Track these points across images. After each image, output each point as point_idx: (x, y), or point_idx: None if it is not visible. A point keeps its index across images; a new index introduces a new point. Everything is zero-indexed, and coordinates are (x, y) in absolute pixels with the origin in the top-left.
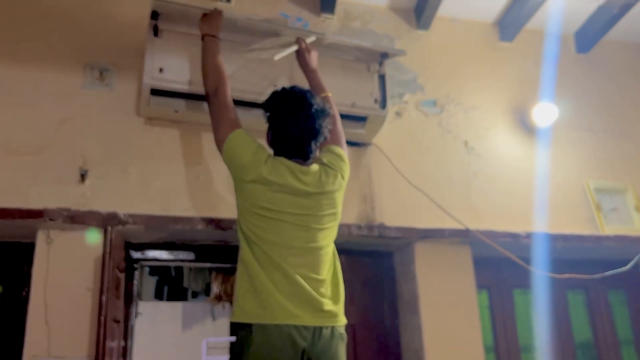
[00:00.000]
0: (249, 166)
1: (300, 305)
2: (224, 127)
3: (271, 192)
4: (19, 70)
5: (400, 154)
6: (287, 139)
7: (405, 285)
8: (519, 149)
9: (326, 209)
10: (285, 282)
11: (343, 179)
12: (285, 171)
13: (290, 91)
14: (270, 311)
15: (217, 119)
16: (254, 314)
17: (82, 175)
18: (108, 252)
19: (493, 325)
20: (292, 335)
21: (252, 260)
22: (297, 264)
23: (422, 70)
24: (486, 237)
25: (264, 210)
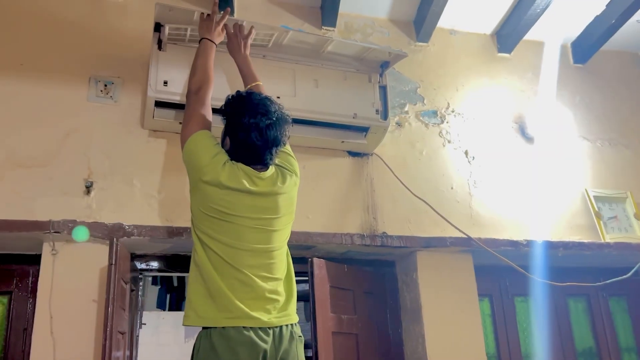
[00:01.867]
0: (206, 168)
1: (257, 307)
2: (191, 125)
3: (227, 196)
4: (24, 83)
5: (401, 164)
6: (247, 148)
7: (408, 294)
8: (519, 158)
9: (283, 210)
10: (240, 284)
11: (297, 176)
12: (242, 176)
13: (250, 96)
14: (227, 314)
15: (189, 115)
16: (211, 317)
17: (88, 187)
18: (113, 263)
19: (495, 333)
20: (251, 337)
21: (206, 263)
22: (253, 265)
23: (423, 81)
24: (487, 246)
25: (219, 213)
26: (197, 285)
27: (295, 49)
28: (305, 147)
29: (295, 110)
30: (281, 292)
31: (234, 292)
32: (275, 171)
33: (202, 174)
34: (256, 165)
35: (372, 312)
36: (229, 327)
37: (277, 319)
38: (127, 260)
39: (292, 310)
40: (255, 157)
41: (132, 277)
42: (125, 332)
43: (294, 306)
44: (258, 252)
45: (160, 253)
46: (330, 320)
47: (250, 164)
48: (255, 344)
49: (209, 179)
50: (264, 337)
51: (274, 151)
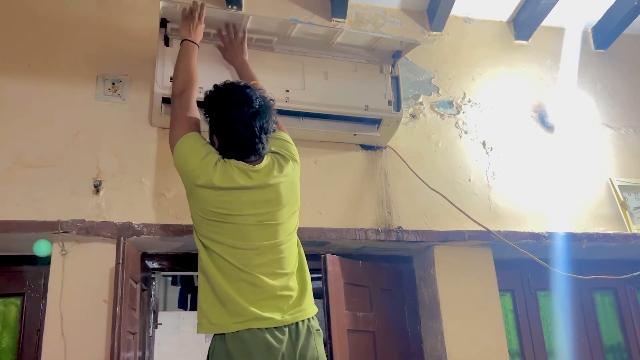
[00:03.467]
0: (197, 171)
1: (268, 306)
2: (177, 129)
3: (224, 197)
4: (31, 83)
5: (416, 157)
6: (235, 142)
7: (426, 290)
8: (539, 148)
9: (285, 199)
10: (249, 286)
11: (296, 161)
12: (236, 173)
13: (228, 89)
14: (239, 318)
15: (175, 117)
16: (223, 324)
17: (97, 187)
18: (121, 262)
19: (518, 330)
20: (266, 339)
21: (211, 268)
22: (261, 264)
23: (437, 71)
24: (507, 239)
25: (218, 215)
26: (205, 292)
27: (304, 41)
28: (317, 141)
29: (305, 104)
30: (293, 287)
31: (243, 295)
32: (270, 160)
33: (194, 178)
34: (249, 158)
35: (389, 309)
36: (242, 330)
37: (291, 316)
38: (136, 260)
39: (308, 304)
40: (245, 149)
41: (143, 276)
42: (136, 333)
43: (309, 299)
44: (264, 249)
45: (172, 252)
46: (345, 318)
47: (242, 157)
48: (271, 345)
49: (202, 182)
50: (279, 336)
51: (264, 139)
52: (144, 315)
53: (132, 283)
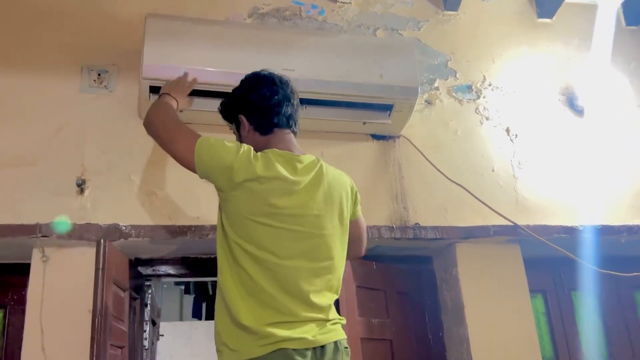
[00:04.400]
0: (236, 164)
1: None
2: (185, 137)
3: (273, 192)
4: (10, 76)
5: (433, 146)
6: (268, 108)
7: (448, 293)
8: (569, 133)
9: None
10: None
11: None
12: (282, 161)
13: (253, 76)
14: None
15: (172, 131)
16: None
17: (79, 186)
18: (101, 268)
19: (551, 334)
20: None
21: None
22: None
23: (454, 54)
24: (537, 234)
25: (267, 216)
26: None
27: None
28: (323, 131)
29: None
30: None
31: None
32: (319, 163)
33: (234, 174)
34: (285, 128)
35: (408, 314)
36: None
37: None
38: (123, 265)
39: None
40: (281, 116)
41: (135, 284)
42: (124, 347)
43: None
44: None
45: (168, 256)
46: (358, 325)
47: (279, 126)
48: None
49: (245, 177)
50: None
51: (295, 113)
52: (136, 327)
53: (118, 291)
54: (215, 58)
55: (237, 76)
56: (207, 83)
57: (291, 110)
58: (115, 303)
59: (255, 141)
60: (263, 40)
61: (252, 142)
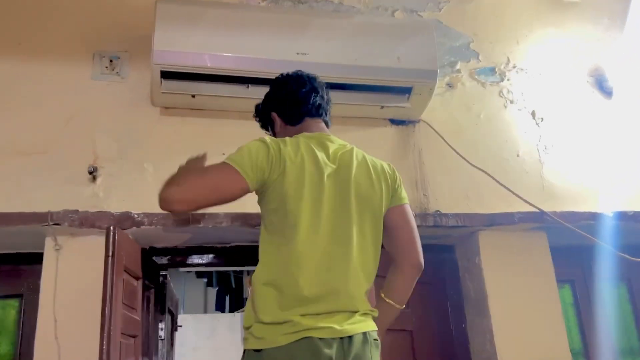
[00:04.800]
0: (274, 158)
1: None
2: (217, 173)
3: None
4: (22, 65)
5: (455, 131)
6: (297, 100)
7: (471, 283)
8: (597, 116)
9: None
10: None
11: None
12: (313, 142)
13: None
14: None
15: (207, 179)
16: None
17: (92, 173)
18: (111, 255)
19: (580, 326)
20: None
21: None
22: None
23: (476, 35)
24: (565, 221)
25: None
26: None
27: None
28: (339, 117)
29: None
30: None
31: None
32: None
33: (278, 163)
34: (315, 117)
35: (430, 305)
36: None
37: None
38: (135, 253)
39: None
40: (309, 105)
41: (150, 273)
42: (137, 336)
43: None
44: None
45: (182, 245)
46: None
47: (309, 115)
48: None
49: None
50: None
51: (327, 100)
52: (151, 317)
53: (131, 280)
54: (227, 42)
55: (250, 61)
56: (219, 68)
57: (320, 100)
58: (127, 292)
59: (290, 132)
60: (277, 24)
61: (288, 134)
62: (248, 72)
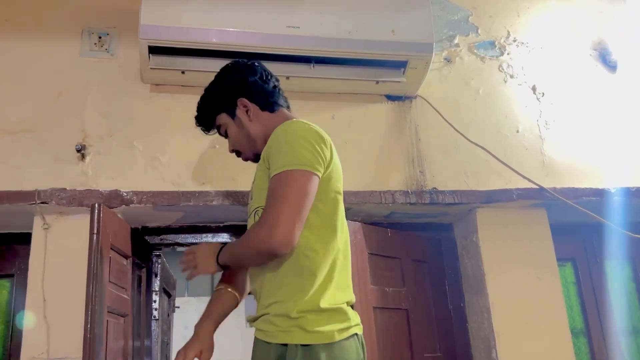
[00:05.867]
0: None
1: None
2: (287, 210)
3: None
4: (9, 41)
5: (452, 106)
6: (270, 86)
7: (469, 261)
8: (600, 91)
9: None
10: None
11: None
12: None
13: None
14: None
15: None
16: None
17: (79, 151)
18: (96, 232)
19: (582, 305)
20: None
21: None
22: None
23: (475, 8)
24: (566, 197)
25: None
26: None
27: None
28: (334, 93)
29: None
30: None
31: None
32: None
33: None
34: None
35: (427, 283)
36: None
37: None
38: (125, 232)
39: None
40: (279, 94)
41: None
42: (126, 315)
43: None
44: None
45: (175, 225)
46: (371, 294)
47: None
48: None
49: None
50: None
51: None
52: (142, 297)
53: (119, 258)
54: (216, 16)
55: (240, 35)
56: (208, 43)
57: (281, 90)
58: (115, 270)
59: (267, 119)
60: None
61: (263, 121)
62: (238, 46)
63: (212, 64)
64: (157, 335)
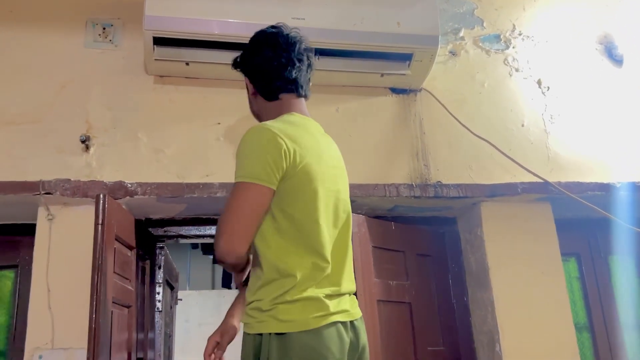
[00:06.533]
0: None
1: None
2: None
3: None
4: (14, 33)
5: (458, 100)
6: (271, 71)
7: (473, 255)
8: (606, 85)
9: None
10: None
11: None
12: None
13: (263, 30)
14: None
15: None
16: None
17: (84, 142)
18: (101, 223)
19: (586, 300)
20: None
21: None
22: None
23: (481, 1)
24: (570, 191)
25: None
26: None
27: None
28: (339, 85)
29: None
30: None
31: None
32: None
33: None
34: (296, 93)
35: (430, 277)
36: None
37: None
38: (129, 223)
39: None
40: (291, 80)
41: (146, 245)
42: (130, 306)
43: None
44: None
45: (179, 217)
46: (375, 287)
47: (290, 88)
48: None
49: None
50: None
51: (307, 70)
52: (146, 288)
53: (123, 249)
54: (221, 7)
55: (244, 26)
56: (212, 34)
57: (297, 73)
58: (119, 261)
59: (263, 107)
60: None
61: (260, 107)
62: (242, 37)
63: (217, 56)
64: (160, 327)
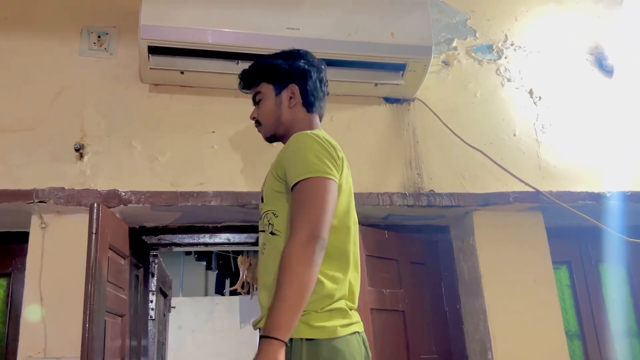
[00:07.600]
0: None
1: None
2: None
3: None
4: (9, 40)
5: (450, 109)
6: (321, 90)
7: (465, 264)
8: (597, 95)
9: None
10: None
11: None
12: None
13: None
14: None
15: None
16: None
17: (78, 150)
18: (94, 232)
19: (576, 308)
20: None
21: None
22: None
23: (474, 12)
24: (561, 200)
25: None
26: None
27: None
28: (333, 94)
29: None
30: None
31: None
32: None
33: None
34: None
35: (423, 285)
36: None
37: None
38: (123, 232)
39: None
40: (321, 101)
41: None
42: (124, 315)
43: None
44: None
45: (173, 225)
46: (368, 295)
47: (322, 109)
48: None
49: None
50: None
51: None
52: (140, 297)
53: (117, 258)
54: (216, 17)
55: (239, 36)
56: (207, 43)
57: (325, 93)
58: (113, 270)
59: (301, 115)
60: None
61: (297, 115)
62: (237, 47)
63: (212, 65)
64: (153, 335)
